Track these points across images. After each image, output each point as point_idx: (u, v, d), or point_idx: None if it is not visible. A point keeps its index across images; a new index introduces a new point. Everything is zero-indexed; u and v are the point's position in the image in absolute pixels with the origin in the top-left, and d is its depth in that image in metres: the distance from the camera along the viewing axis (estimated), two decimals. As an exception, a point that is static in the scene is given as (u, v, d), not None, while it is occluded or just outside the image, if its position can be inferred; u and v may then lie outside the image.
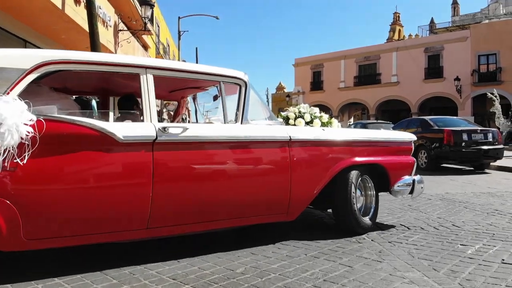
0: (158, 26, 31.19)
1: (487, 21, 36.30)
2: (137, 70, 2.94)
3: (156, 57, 28.68)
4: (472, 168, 11.57)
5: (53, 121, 2.53)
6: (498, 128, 22.05)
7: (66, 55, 2.76)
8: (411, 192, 4.17)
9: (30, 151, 2.39)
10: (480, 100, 29.55)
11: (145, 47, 25.68)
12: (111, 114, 3.92)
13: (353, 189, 3.73)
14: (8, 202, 2.38)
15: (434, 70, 33.06)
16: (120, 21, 13.65)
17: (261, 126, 3.50)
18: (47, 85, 3.29)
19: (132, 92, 3.90)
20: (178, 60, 32.00)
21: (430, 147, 10.99)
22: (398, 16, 73.75)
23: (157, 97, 4.86)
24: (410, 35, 54.13)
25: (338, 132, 3.97)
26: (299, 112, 4.83)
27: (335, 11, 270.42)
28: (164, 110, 18.14)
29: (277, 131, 3.47)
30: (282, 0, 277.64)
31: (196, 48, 35.85)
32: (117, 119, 3.51)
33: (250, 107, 3.41)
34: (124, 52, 14.32)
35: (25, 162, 2.39)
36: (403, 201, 5.85)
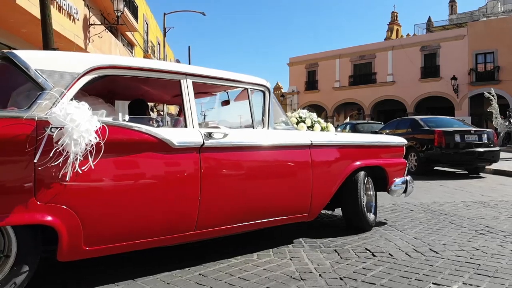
0: (147, 24, 30.35)
1: (485, 19, 35.44)
2: (178, 77, 2.98)
3: (144, 56, 27.85)
4: (466, 172, 10.73)
5: (115, 127, 2.49)
6: (496, 129, 21.22)
7: (115, 60, 2.74)
8: (405, 191, 4.50)
9: (95, 157, 2.32)
10: (478, 100, 28.73)
11: (131, 44, 24.87)
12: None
13: (361, 190, 3.99)
14: (71, 210, 2.31)
15: (430, 69, 32.20)
16: (91, 14, 12.79)
17: (286, 132, 3.70)
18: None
19: (143, 97, 4.05)
20: (163, 59, 31.23)
21: (420, 149, 10.14)
22: (396, 16, 72.98)
23: (161, 101, 5.00)
24: (408, 35, 53.19)
25: (348, 136, 4.30)
26: (299, 117, 5.05)
27: (333, 11, 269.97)
28: (155, 110, 17.42)
29: (300, 136, 3.66)
30: None
31: (189, 47, 34.88)
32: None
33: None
34: (98, 48, 13.48)
35: (88, 169, 2.32)
36: (379, 214, 5.01)
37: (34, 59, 2.40)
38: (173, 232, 2.79)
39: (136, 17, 22.21)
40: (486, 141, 9.87)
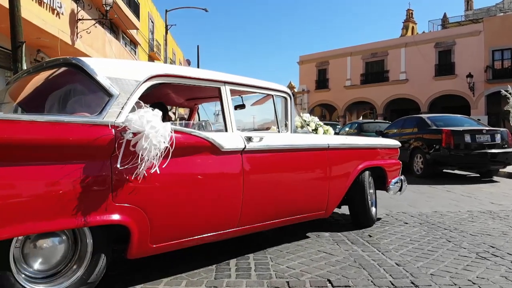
0: (152, 23, 29.82)
1: (502, 14, 34.04)
2: (218, 84, 3.13)
3: (149, 55, 27.34)
4: (478, 175, 9.83)
5: (179, 132, 2.60)
6: (514, 128, 20.08)
7: (170, 69, 2.89)
8: (400, 189, 4.80)
9: (163, 160, 2.43)
10: (495, 98, 27.44)
11: (134, 43, 24.34)
12: None
13: (367, 188, 4.27)
14: (141, 210, 2.41)
15: (445, 66, 30.92)
16: (79, 9, 12.18)
17: (307, 135, 3.99)
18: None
19: (159, 100, 4.10)
20: (164, 57, 30.68)
21: (427, 151, 9.26)
22: (411, 13, 71.39)
23: (174, 104, 5.12)
24: (424, 32, 51.67)
25: (356, 139, 4.50)
26: (304, 120, 5.27)
27: (347, 8, 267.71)
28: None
29: (319, 139, 3.92)
30: None
31: (198, 47, 34.44)
32: None
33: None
34: (88, 45, 12.90)
35: (156, 171, 2.41)
36: (365, 229, 4.24)
37: (101, 67, 2.49)
38: (220, 229, 2.95)
39: (137, 15, 21.66)
40: (499, 142, 8.96)
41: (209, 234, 2.86)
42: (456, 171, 10.42)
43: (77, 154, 2.19)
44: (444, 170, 10.03)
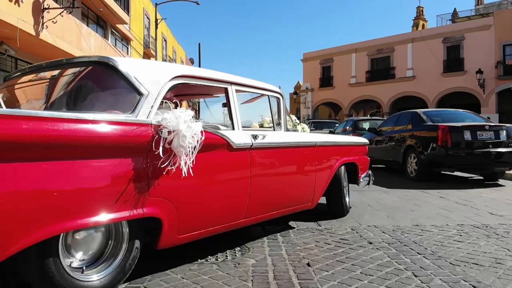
0: (148, 19, 28.94)
1: (514, 7, 32.49)
2: (226, 85, 3.30)
3: (144, 52, 26.47)
4: (481, 178, 8.66)
5: (204, 131, 2.63)
6: (525, 127, 18.78)
7: (189, 71, 3.03)
8: (368, 183, 5.24)
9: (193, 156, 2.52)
10: (506, 95, 26.14)
11: (126, 39, 23.47)
12: None
13: (343, 182, 4.69)
14: (170, 203, 2.52)
15: (453, 62, 29.51)
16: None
17: (298, 133, 4.37)
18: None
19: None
20: (157, 55, 29.77)
21: (421, 150, 8.10)
22: (422, 10, 69.97)
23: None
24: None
25: (336, 137, 5.31)
26: (290, 119, 5.46)
27: (354, 5, 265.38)
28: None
29: (308, 137, 4.24)
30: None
31: (199, 44, 33.71)
32: None
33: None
34: (58, 36, 11.96)
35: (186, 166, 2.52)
36: (310, 252, 3.17)
37: (130, 66, 2.57)
38: (232, 220, 3.13)
39: (127, 9, 20.74)
40: (505, 139, 7.76)
41: (222, 226, 3.03)
42: (457, 173, 9.26)
43: (117, 152, 2.25)
44: (442, 172, 8.87)
